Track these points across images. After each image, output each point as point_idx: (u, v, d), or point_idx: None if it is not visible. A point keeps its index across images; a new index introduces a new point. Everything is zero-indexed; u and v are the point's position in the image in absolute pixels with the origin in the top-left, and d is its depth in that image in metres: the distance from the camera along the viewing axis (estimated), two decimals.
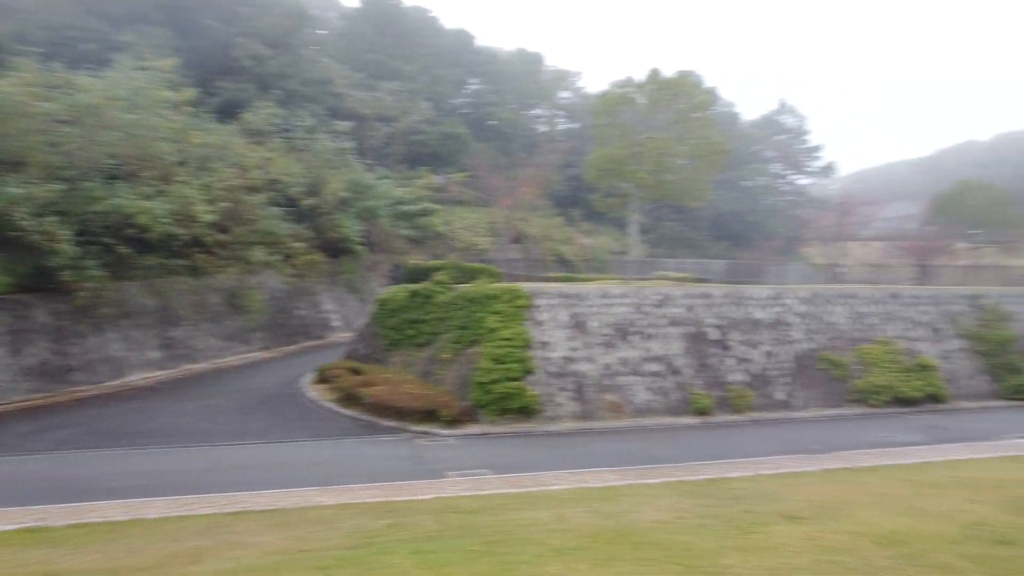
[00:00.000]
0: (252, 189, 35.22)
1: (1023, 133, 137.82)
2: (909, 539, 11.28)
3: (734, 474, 15.98)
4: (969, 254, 50.14)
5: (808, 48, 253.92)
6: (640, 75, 41.59)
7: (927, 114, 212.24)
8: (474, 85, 72.43)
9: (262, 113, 42.07)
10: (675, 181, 38.26)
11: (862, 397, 25.62)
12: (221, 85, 43.13)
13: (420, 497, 14.15)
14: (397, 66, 61.47)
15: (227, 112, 40.79)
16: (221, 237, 32.18)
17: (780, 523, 12.12)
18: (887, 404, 25.35)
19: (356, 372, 25.40)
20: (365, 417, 21.94)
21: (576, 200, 62.84)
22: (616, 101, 38.42)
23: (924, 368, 26.63)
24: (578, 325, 24.49)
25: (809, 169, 68.74)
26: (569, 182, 61.61)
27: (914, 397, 25.64)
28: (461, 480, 15.85)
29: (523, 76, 76.35)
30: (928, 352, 27.57)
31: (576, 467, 17.11)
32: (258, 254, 34.08)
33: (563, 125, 76.06)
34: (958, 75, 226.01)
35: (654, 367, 24.45)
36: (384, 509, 13.29)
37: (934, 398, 26.03)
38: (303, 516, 12.90)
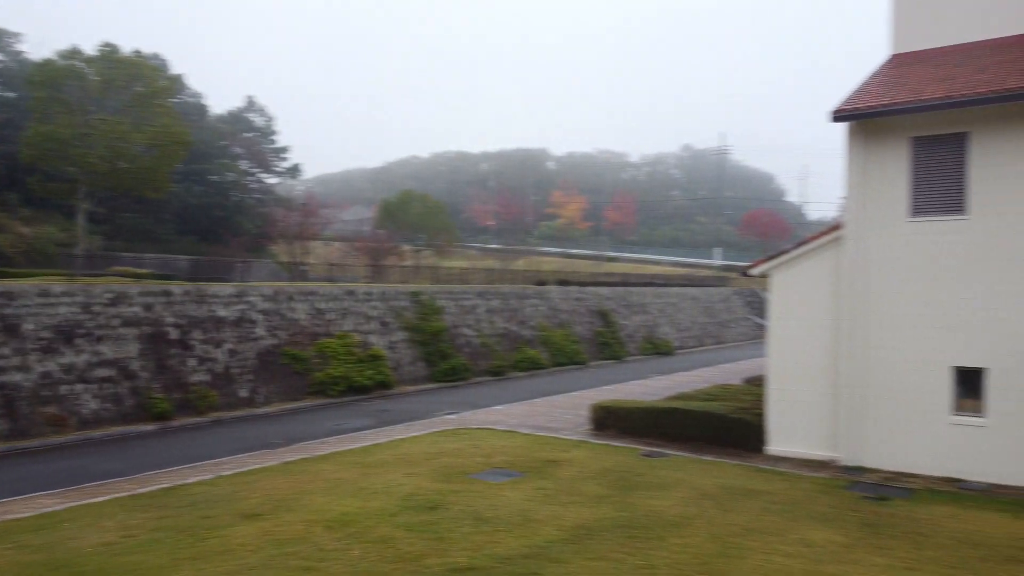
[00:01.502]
0: None
1: (454, 152, 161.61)
2: (356, 519, 12.27)
3: (193, 479, 15.44)
4: (412, 256, 56.91)
5: (278, 53, 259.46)
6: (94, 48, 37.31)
7: (379, 128, 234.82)
8: None
9: None
10: (132, 169, 35.45)
11: (321, 388, 27.19)
12: None
13: None
14: None
15: None
16: None
17: (238, 523, 12.09)
18: (343, 393, 27.37)
19: None
20: None
21: (14, 182, 53.72)
22: (61, 73, 33.96)
23: (375, 358, 29.40)
24: (8, 329, 20.98)
25: (277, 169, 70.20)
26: (3, 160, 52.33)
27: (366, 385, 28.16)
28: None
29: None
30: (378, 344, 30.52)
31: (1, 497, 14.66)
32: None
33: None
34: (449, 92, 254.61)
35: (105, 372, 22.28)
36: None
37: (383, 385, 28.95)
38: None
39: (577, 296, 44.82)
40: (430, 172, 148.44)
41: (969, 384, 15.19)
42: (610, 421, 20.29)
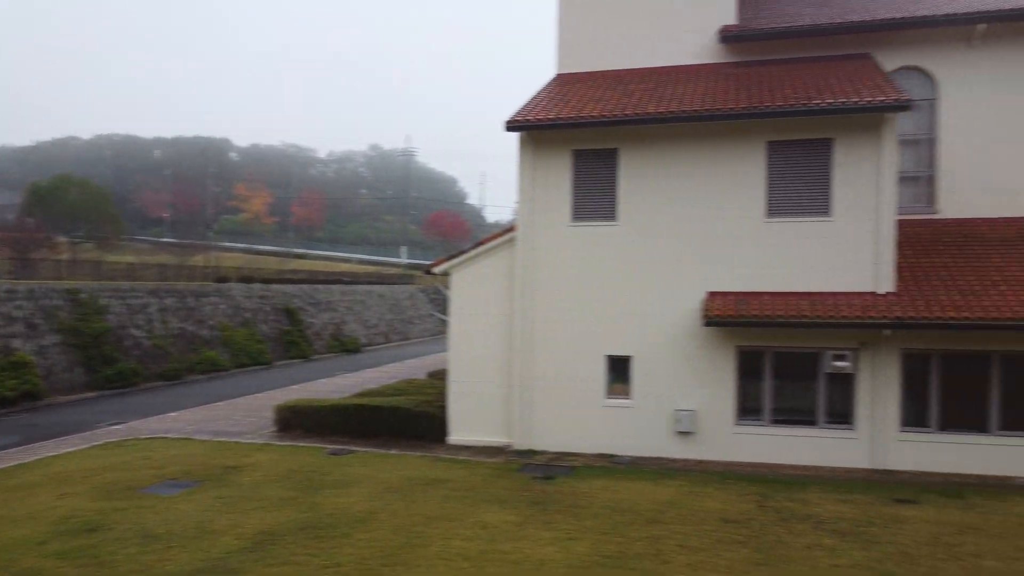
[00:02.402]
0: None
1: (122, 135, 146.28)
2: None
3: None
4: (69, 249, 50.52)
5: None
6: None
7: (27, 102, 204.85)
8: None
9: None
10: None
11: None
12: None
13: None
14: None
15: None
16: None
17: None
18: None
19: None
20: None
21: None
22: None
23: (19, 366, 25.61)
24: None
25: None
26: None
27: (8, 397, 24.43)
28: None
29: None
30: (24, 349, 26.65)
31: None
32: None
33: None
34: (61, 69, 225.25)
35: None
36: None
37: (31, 395, 25.34)
38: None
39: (262, 294, 43.08)
40: (92, 155, 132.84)
41: (619, 371, 17.27)
42: (296, 421, 19.84)
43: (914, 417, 15.99)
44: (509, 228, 18.41)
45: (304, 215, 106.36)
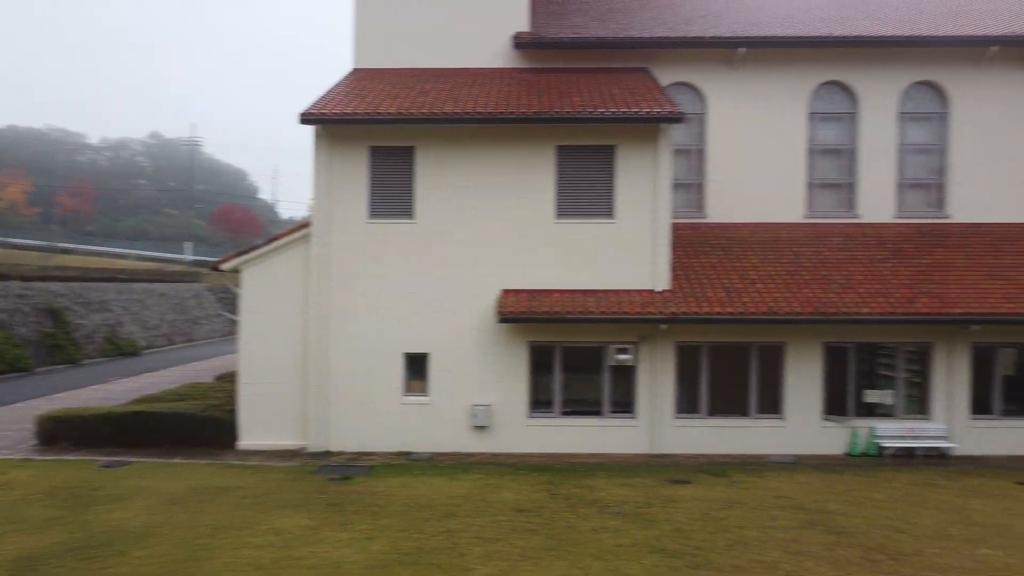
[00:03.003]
0: None
1: None
2: None
3: None
4: None
5: None
6: None
7: None
8: None
9: None
10: None
11: None
12: None
13: None
14: None
15: None
16: None
17: None
18: None
19: None
20: None
21: None
22: None
23: None
24: None
25: None
26: None
27: None
28: None
29: None
30: None
31: None
32: None
33: None
34: None
35: None
36: None
37: None
38: None
39: (20, 292, 38.65)
40: None
41: (417, 368, 17.36)
42: (62, 433, 18.01)
43: (687, 404, 17.47)
44: (304, 224, 17.89)
45: (73, 206, 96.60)
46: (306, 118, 16.53)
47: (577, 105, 16.94)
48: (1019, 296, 16.74)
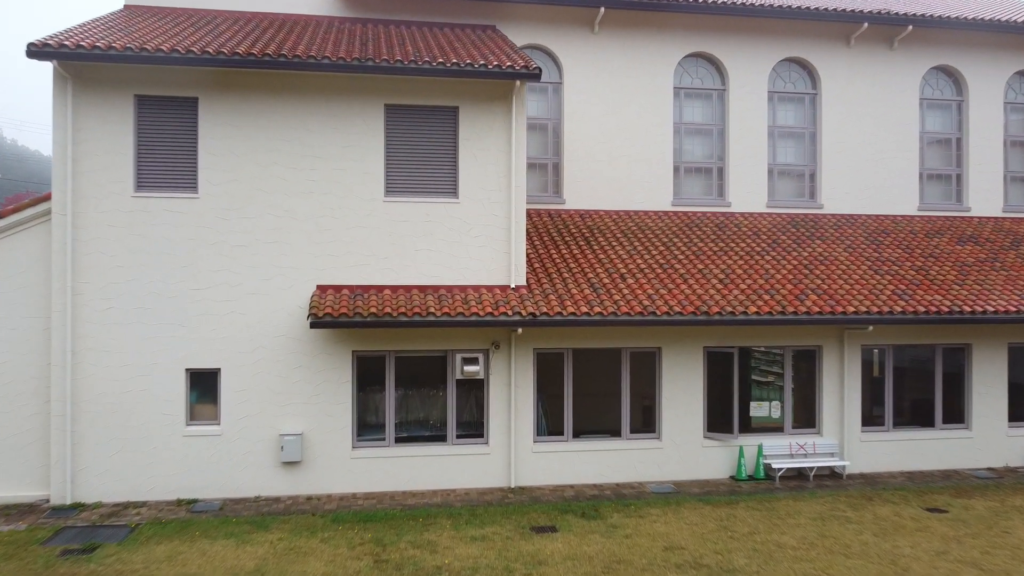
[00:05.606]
0: None
1: None
2: None
3: None
4: None
5: None
6: None
7: None
8: None
9: None
10: None
11: None
12: None
13: None
14: None
15: None
16: None
17: None
18: None
19: None
20: None
21: None
22: None
23: None
24: None
25: None
26: None
27: None
28: None
29: None
30: None
31: None
32: None
33: None
34: None
35: None
36: None
37: None
38: None
39: None
40: None
41: (205, 389, 13.26)
42: None
43: (550, 425, 14.45)
44: (43, 197, 13.27)
45: None
46: (35, 50, 12.01)
47: (410, 55, 13.56)
48: (909, 293, 15.01)
